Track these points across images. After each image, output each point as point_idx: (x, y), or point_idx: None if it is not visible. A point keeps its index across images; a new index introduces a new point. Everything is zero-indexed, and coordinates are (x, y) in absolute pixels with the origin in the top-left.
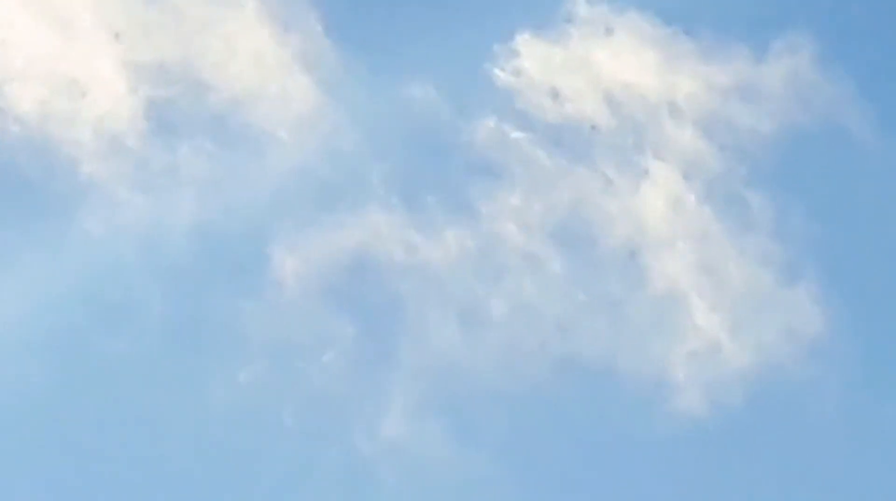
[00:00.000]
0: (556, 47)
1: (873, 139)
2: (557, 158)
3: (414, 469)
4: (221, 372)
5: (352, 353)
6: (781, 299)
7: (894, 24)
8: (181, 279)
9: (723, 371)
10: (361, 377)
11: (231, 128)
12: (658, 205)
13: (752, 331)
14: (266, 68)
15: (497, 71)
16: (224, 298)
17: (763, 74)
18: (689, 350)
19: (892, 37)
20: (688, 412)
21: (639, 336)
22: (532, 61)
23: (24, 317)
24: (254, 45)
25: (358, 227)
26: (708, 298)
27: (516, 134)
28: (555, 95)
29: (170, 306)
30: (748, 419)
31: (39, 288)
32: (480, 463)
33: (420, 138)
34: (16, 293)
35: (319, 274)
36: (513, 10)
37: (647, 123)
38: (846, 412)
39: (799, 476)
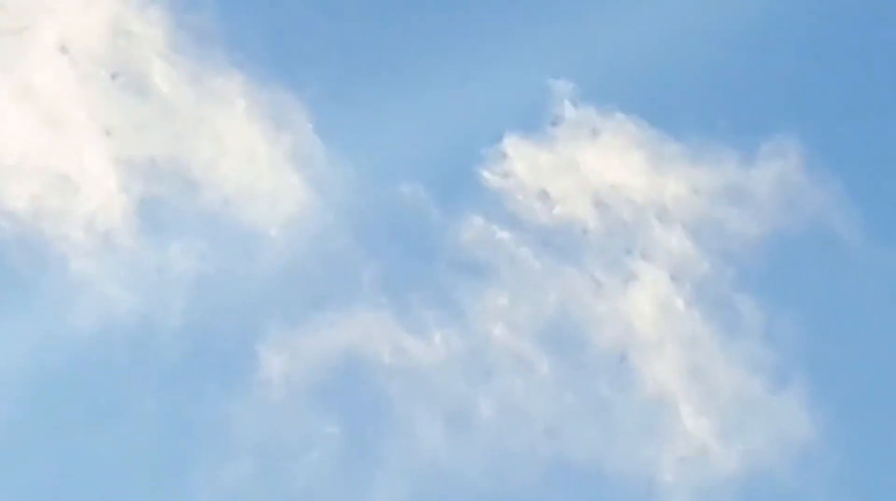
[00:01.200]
0: (543, 149)
1: (862, 243)
2: (546, 258)
3: None
4: (207, 471)
5: (338, 453)
6: (770, 405)
7: (882, 126)
8: (170, 377)
9: (712, 476)
10: (347, 477)
11: (222, 226)
12: (646, 307)
13: (741, 436)
14: (257, 166)
15: (485, 172)
16: (212, 396)
17: (751, 176)
18: (678, 455)
19: (879, 140)
20: None
21: (628, 439)
22: (520, 163)
23: (13, 413)
24: (244, 143)
25: (346, 326)
26: (696, 402)
27: (504, 234)
28: (543, 196)
29: (158, 404)
30: None
31: (28, 384)
32: None
33: (409, 237)
34: (4, 388)
35: (307, 373)
36: (500, 112)
37: (635, 225)
38: None
39: None
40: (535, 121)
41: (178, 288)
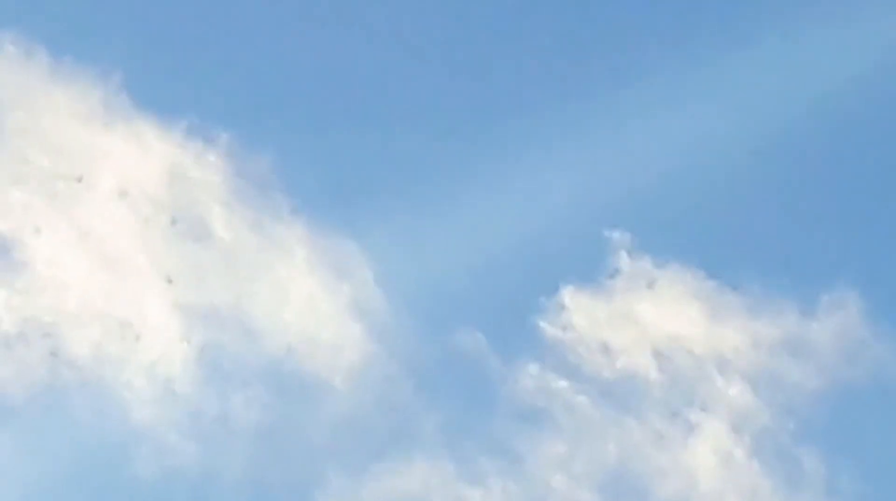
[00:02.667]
0: (601, 301)
1: None
2: (605, 409)
3: None
4: None
5: None
6: None
7: None
8: None
9: None
10: None
11: (283, 374)
12: (707, 459)
13: None
14: (318, 315)
15: (543, 323)
16: None
17: (811, 329)
18: None
19: None
20: None
21: None
22: (578, 314)
23: None
24: (305, 291)
25: (405, 476)
26: None
27: (563, 383)
28: (603, 348)
29: None
30: None
31: None
32: None
33: (469, 387)
34: None
35: None
36: (557, 262)
37: (695, 376)
38: None
39: None
40: (591, 272)
41: (238, 437)
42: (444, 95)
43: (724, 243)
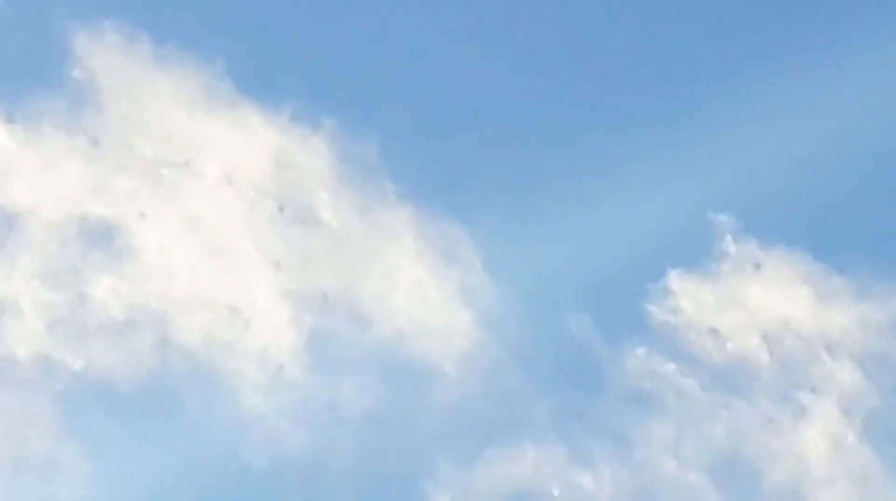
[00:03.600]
0: (708, 285)
1: None
2: (715, 393)
3: None
4: None
5: None
6: None
7: None
8: None
9: None
10: None
11: (394, 361)
12: (818, 443)
13: None
14: (427, 301)
15: (652, 307)
16: None
17: None
18: None
19: None
20: None
21: None
22: (686, 299)
23: None
24: (414, 277)
25: (515, 462)
26: None
27: (672, 368)
28: (712, 333)
29: None
30: None
31: None
32: None
33: (578, 372)
34: None
35: None
36: (662, 247)
37: (804, 359)
38: None
39: None
40: (697, 256)
41: (348, 424)
42: (553, 84)
43: (830, 226)
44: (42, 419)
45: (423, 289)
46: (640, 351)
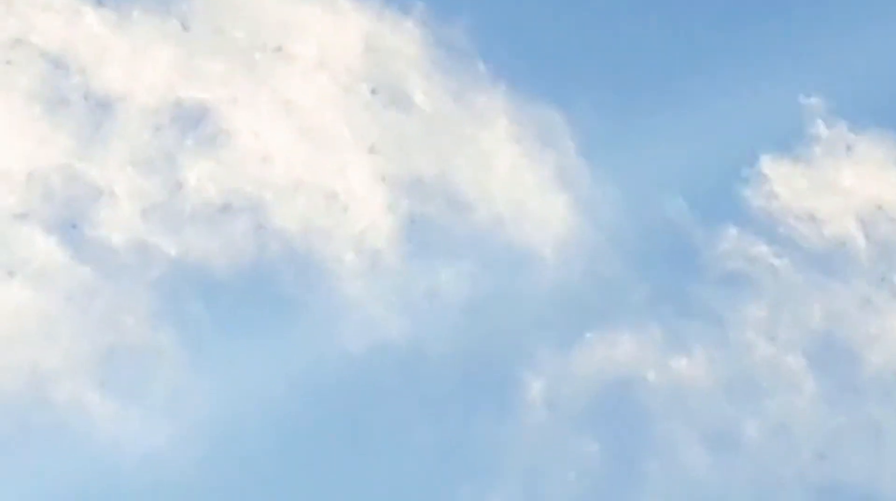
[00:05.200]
0: (801, 169)
1: None
2: (810, 274)
3: None
4: (473, 495)
5: (601, 473)
6: None
7: None
8: (438, 400)
9: None
10: (610, 497)
11: (491, 246)
12: None
13: None
14: (522, 186)
15: (747, 191)
16: (479, 419)
17: None
18: None
19: None
20: None
21: None
22: (779, 183)
23: (280, 432)
24: (508, 162)
25: (611, 346)
26: None
27: (766, 249)
28: (807, 216)
29: (425, 426)
30: None
31: (295, 404)
32: None
33: (674, 256)
34: (273, 407)
35: (573, 395)
36: (755, 131)
37: None
38: None
39: None
40: (788, 140)
41: (447, 310)
42: None
43: None
44: (138, 306)
45: (518, 174)
46: (733, 232)
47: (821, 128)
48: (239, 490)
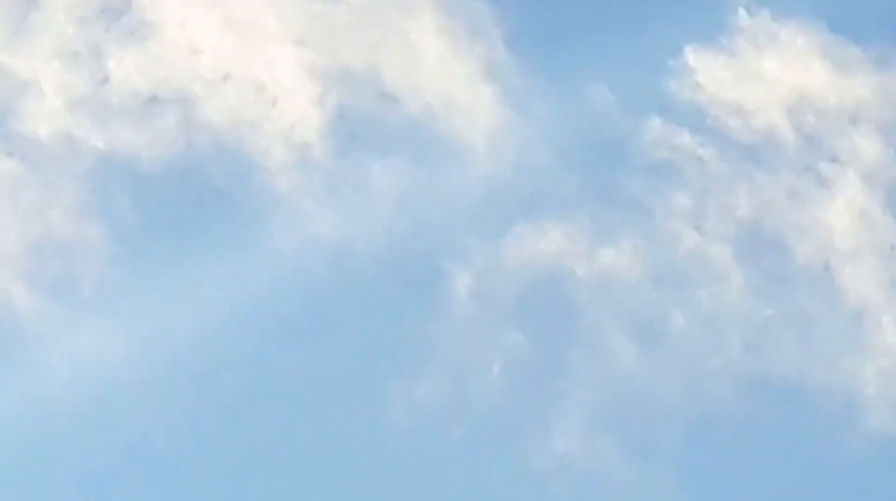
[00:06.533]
0: (724, 59)
1: None
2: (738, 164)
3: (587, 486)
4: (402, 387)
5: (528, 366)
6: None
7: None
8: (367, 296)
9: None
10: (537, 389)
11: (422, 139)
12: (842, 216)
13: None
14: (451, 79)
15: (672, 83)
16: (408, 313)
17: None
18: (880, 367)
19: None
20: (880, 431)
21: (828, 353)
22: (703, 74)
23: (211, 329)
24: (436, 54)
25: (539, 239)
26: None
27: (689, 138)
28: (730, 105)
29: (353, 323)
30: None
31: (227, 299)
32: (658, 482)
33: (601, 148)
34: (194, 306)
35: (501, 289)
36: (679, 23)
37: (826, 132)
38: None
39: None
40: (712, 30)
41: (376, 204)
42: None
43: None
44: (65, 199)
45: (447, 66)
46: (657, 122)
47: (743, 17)
48: (166, 385)
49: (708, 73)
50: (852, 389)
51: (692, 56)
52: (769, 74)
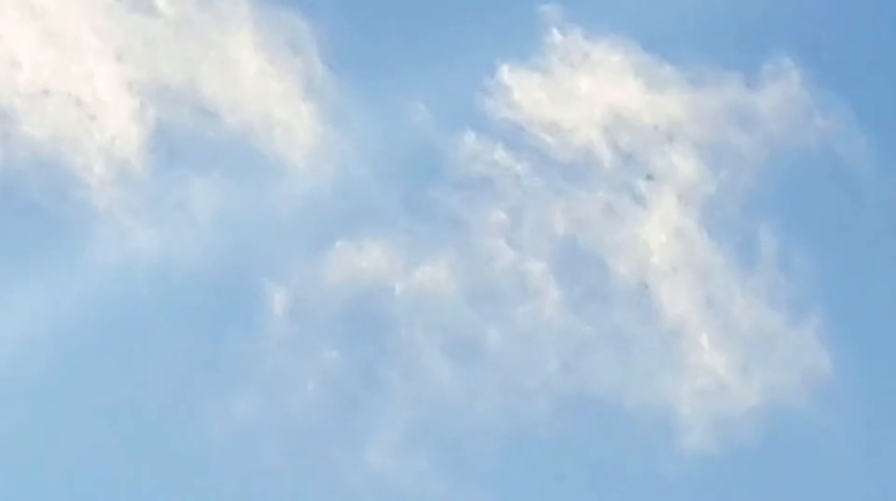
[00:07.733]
0: (539, 77)
1: (869, 167)
2: (554, 181)
3: None
4: (219, 403)
5: (343, 384)
6: (789, 336)
7: (883, 42)
8: (186, 314)
9: (730, 408)
10: (353, 407)
11: (239, 156)
12: (658, 234)
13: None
14: (270, 95)
15: (487, 101)
16: (226, 330)
17: (754, 98)
18: (696, 387)
19: (882, 56)
20: (696, 450)
21: (644, 371)
22: (519, 92)
23: (29, 344)
24: (255, 70)
25: (357, 255)
26: (714, 331)
27: (508, 156)
28: (544, 123)
29: (172, 340)
30: (756, 456)
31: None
32: (472, 499)
33: (419, 165)
34: (19, 321)
35: (320, 305)
36: (495, 42)
37: (640, 149)
38: (855, 451)
39: None
40: (526, 49)
41: (196, 220)
42: None
43: (656, 14)
44: None
45: (265, 82)
46: (472, 137)
47: (556, 36)
48: None
49: (523, 91)
50: (668, 407)
51: (507, 75)
52: (584, 93)
